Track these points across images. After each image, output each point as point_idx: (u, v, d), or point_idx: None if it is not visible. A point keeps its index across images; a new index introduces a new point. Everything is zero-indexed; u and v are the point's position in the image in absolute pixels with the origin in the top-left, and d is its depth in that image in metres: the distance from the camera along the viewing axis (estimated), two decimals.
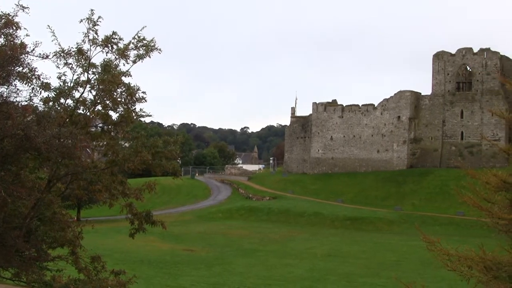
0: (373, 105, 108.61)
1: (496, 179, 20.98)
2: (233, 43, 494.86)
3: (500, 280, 19.09)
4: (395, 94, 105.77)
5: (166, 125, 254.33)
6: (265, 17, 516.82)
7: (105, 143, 17.47)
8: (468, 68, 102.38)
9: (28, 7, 15.41)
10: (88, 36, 16.22)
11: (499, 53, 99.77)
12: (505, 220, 20.03)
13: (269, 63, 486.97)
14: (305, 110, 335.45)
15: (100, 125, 17.44)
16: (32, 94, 15.89)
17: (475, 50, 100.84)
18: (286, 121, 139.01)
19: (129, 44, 16.66)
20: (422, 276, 40.74)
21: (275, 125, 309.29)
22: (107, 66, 16.50)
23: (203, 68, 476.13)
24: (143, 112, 17.31)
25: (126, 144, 18.50)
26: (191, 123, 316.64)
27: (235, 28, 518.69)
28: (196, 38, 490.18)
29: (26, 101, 15.92)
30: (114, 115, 17.13)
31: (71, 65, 16.32)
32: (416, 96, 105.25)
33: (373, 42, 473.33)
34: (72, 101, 16.61)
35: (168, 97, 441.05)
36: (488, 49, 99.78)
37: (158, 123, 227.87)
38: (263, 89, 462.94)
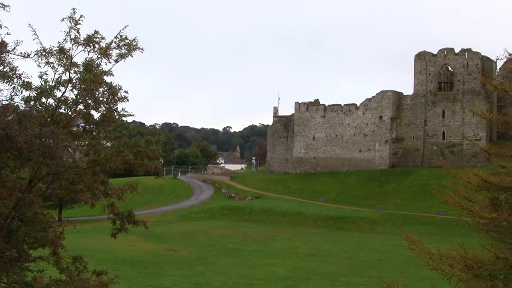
0: (355, 105, 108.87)
1: (477, 178, 21.11)
2: (216, 43, 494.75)
3: (481, 278, 19.22)
4: (377, 94, 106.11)
5: (148, 125, 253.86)
6: (249, 17, 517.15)
7: (87, 142, 17.40)
8: (450, 68, 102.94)
9: (9, 6, 15.32)
10: (70, 35, 16.13)
11: (480, 53, 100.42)
12: (486, 219, 20.16)
13: (252, 63, 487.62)
14: (287, 109, 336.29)
15: (82, 124, 17.36)
16: (13, 93, 15.81)
17: (457, 50, 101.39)
18: (268, 120, 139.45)
19: (111, 43, 16.60)
20: (404, 275, 40.94)
21: (258, 124, 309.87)
22: (89, 65, 16.43)
23: (186, 67, 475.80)
24: (125, 111, 17.27)
25: (108, 144, 18.46)
26: (173, 123, 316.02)
27: (218, 28, 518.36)
28: (179, 38, 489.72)
29: (7, 100, 15.84)
30: (96, 115, 17.08)
31: (52, 64, 16.23)
32: (398, 96, 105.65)
33: (356, 43, 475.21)
34: (53, 101, 16.51)
35: (151, 97, 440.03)
36: (469, 50, 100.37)
37: (140, 122, 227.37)
38: (246, 88, 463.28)
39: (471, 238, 22.71)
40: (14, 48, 15.38)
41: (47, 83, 16.24)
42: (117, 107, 16.98)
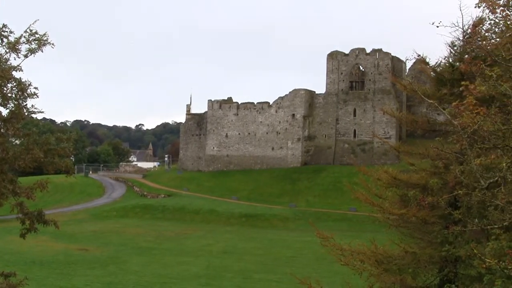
0: (268, 103, 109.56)
1: (387, 175, 21.70)
2: (129, 40, 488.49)
3: (391, 272, 19.75)
4: (290, 92, 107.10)
5: (59, 122, 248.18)
6: (162, 14, 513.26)
7: None
8: (361, 68, 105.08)
9: None
10: None
11: (390, 54, 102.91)
12: (396, 215, 20.74)
13: (165, 60, 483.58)
14: (200, 107, 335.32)
15: None
16: None
17: (368, 50, 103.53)
18: (181, 118, 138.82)
19: (20, 37, 16.19)
20: (317, 271, 41.56)
21: (171, 122, 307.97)
22: None
23: (98, 64, 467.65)
24: (35, 108, 16.90)
25: (17, 141, 17.99)
26: (85, 120, 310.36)
27: (131, 25, 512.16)
28: (92, 35, 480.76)
29: None
30: (4, 111, 16.62)
31: None
32: (311, 94, 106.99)
33: (269, 42, 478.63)
34: None
35: (62, 93, 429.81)
36: (380, 50, 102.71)
37: (51, 119, 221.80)
38: (159, 86, 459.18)
39: (381, 233, 23.30)
40: None
41: None
42: (26, 104, 16.60)
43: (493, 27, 15.01)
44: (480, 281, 16.43)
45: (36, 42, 16.22)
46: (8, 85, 16.09)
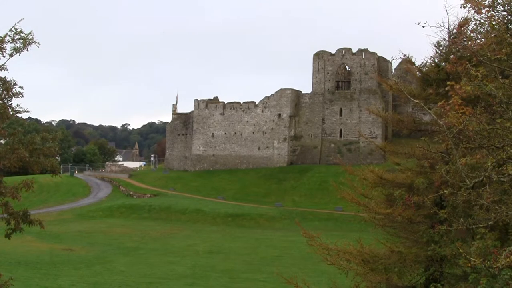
0: (254, 102, 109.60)
1: (373, 175, 21.77)
2: (116, 40, 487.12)
3: (377, 272, 19.81)
4: (276, 92, 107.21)
5: (44, 122, 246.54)
6: (149, 15, 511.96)
7: None
8: (347, 68, 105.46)
9: None
10: None
11: (376, 54, 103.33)
12: (382, 214, 20.81)
13: (151, 60, 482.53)
14: (187, 107, 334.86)
15: None
16: None
17: (354, 50, 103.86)
18: (167, 118, 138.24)
19: (5, 36, 16.10)
20: (303, 271, 41.58)
21: (157, 122, 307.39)
22: None
23: (83, 64, 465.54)
24: (20, 107, 16.84)
25: (2, 141, 17.90)
26: (71, 120, 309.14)
27: (118, 25, 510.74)
28: (78, 34, 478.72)
29: None
30: None
31: None
32: (297, 94, 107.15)
33: (256, 42, 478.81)
34: None
35: (47, 93, 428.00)
36: (366, 50, 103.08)
37: (36, 119, 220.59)
38: (145, 85, 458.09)
39: (367, 233, 23.35)
40: None
41: None
42: (11, 103, 16.51)
43: (479, 28, 15.10)
44: (465, 280, 16.51)
45: (21, 41, 16.15)
46: None
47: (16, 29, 16.12)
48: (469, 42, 15.35)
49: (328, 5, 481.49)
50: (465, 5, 12.92)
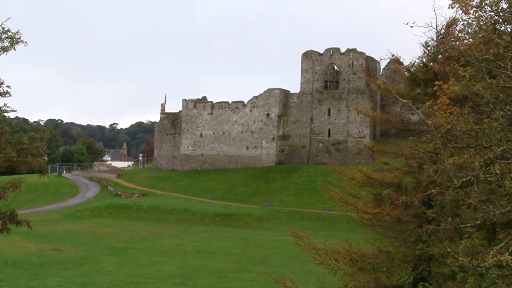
0: (243, 102, 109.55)
1: (361, 175, 21.83)
2: (105, 40, 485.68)
3: (365, 271, 19.87)
4: (264, 91, 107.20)
5: (32, 121, 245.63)
6: (137, 14, 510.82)
7: None
8: (336, 68, 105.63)
9: None
10: None
11: (364, 53, 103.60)
12: (370, 214, 20.88)
13: (140, 59, 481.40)
14: (175, 106, 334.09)
15: None
16: None
17: (342, 50, 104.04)
18: (156, 117, 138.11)
19: None
20: (291, 270, 41.62)
21: (145, 121, 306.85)
22: None
23: (72, 63, 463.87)
24: (7, 107, 16.78)
25: None
26: (59, 119, 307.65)
27: (107, 24, 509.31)
28: (66, 34, 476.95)
29: None
30: None
31: None
32: (285, 93, 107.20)
33: (244, 42, 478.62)
34: None
35: (35, 92, 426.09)
36: (354, 50, 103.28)
37: (24, 118, 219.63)
38: (133, 85, 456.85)
39: (355, 232, 23.42)
40: None
41: None
42: None
43: (466, 28, 15.17)
44: (453, 279, 16.58)
45: (9, 40, 16.08)
46: None
47: (3, 28, 16.06)
48: (457, 42, 15.42)
49: (317, 5, 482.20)
50: (453, 6, 12.97)
